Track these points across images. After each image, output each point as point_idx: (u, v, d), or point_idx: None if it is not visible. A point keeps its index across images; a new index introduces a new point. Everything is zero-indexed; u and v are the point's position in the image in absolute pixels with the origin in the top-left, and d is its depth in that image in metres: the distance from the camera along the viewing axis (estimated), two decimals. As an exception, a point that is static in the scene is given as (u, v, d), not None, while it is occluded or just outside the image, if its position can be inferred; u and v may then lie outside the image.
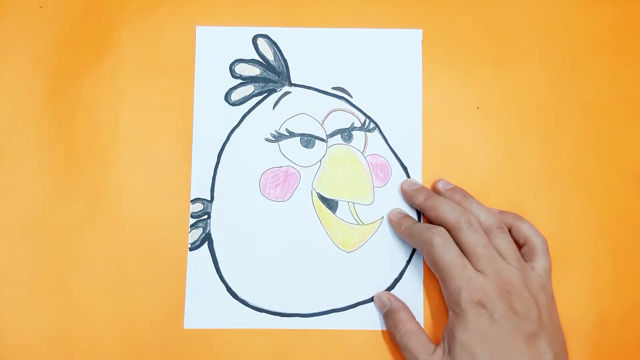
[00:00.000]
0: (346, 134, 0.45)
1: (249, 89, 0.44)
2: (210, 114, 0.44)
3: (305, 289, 0.43)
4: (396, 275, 0.43)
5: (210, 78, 0.45)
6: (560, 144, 0.44)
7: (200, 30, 0.45)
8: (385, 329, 0.42)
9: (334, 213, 0.44)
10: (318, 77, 0.45)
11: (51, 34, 0.45)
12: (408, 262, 0.43)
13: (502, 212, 0.43)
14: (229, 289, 0.43)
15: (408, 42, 0.45)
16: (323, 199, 0.44)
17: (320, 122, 0.45)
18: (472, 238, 0.39)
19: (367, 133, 0.45)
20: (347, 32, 0.45)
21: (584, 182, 0.44)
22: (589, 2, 0.46)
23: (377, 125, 0.45)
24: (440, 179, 0.43)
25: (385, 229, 0.44)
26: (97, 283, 0.41)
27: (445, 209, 0.40)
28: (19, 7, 0.45)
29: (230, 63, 0.45)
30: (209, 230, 0.43)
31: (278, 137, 0.44)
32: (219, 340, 0.42)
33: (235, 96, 0.45)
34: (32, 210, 0.43)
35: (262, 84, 0.45)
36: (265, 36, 0.45)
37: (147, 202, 0.43)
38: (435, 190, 0.43)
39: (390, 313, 0.41)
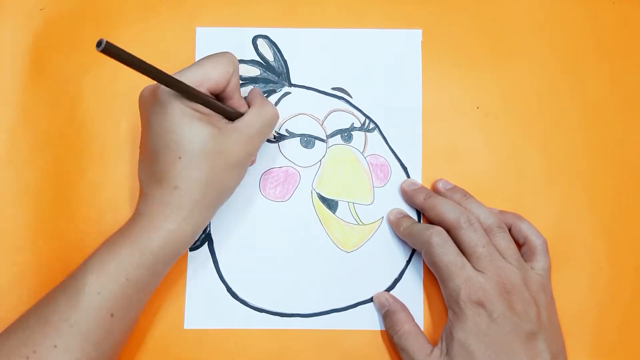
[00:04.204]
0: (346, 134, 0.45)
1: (249, 89, 0.44)
2: (210, 114, 0.44)
3: (305, 289, 0.43)
4: (396, 275, 0.43)
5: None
6: (560, 144, 0.44)
7: (201, 31, 0.45)
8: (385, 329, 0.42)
9: (334, 213, 0.44)
10: (318, 78, 0.45)
11: (52, 35, 0.45)
12: (408, 262, 0.43)
13: (502, 212, 0.43)
14: (229, 289, 0.43)
15: (408, 42, 0.45)
16: (323, 199, 0.44)
17: (320, 122, 0.45)
18: (472, 237, 0.39)
19: (367, 133, 0.45)
20: (347, 32, 0.45)
21: (584, 182, 0.44)
22: (589, 2, 0.46)
23: (376, 126, 0.45)
24: (440, 179, 0.43)
25: (385, 229, 0.43)
26: (98, 283, 0.41)
27: (445, 209, 0.40)
28: (20, 9, 0.45)
29: (230, 63, 0.45)
30: (209, 230, 0.43)
31: (278, 138, 0.44)
32: (219, 340, 0.42)
33: (235, 96, 0.45)
34: (33, 210, 0.43)
35: (262, 85, 0.45)
36: (265, 37, 0.45)
37: (147, 202, 0.43)
38: (435, 190, 0.43)
39: (389, 314, 0.41)
